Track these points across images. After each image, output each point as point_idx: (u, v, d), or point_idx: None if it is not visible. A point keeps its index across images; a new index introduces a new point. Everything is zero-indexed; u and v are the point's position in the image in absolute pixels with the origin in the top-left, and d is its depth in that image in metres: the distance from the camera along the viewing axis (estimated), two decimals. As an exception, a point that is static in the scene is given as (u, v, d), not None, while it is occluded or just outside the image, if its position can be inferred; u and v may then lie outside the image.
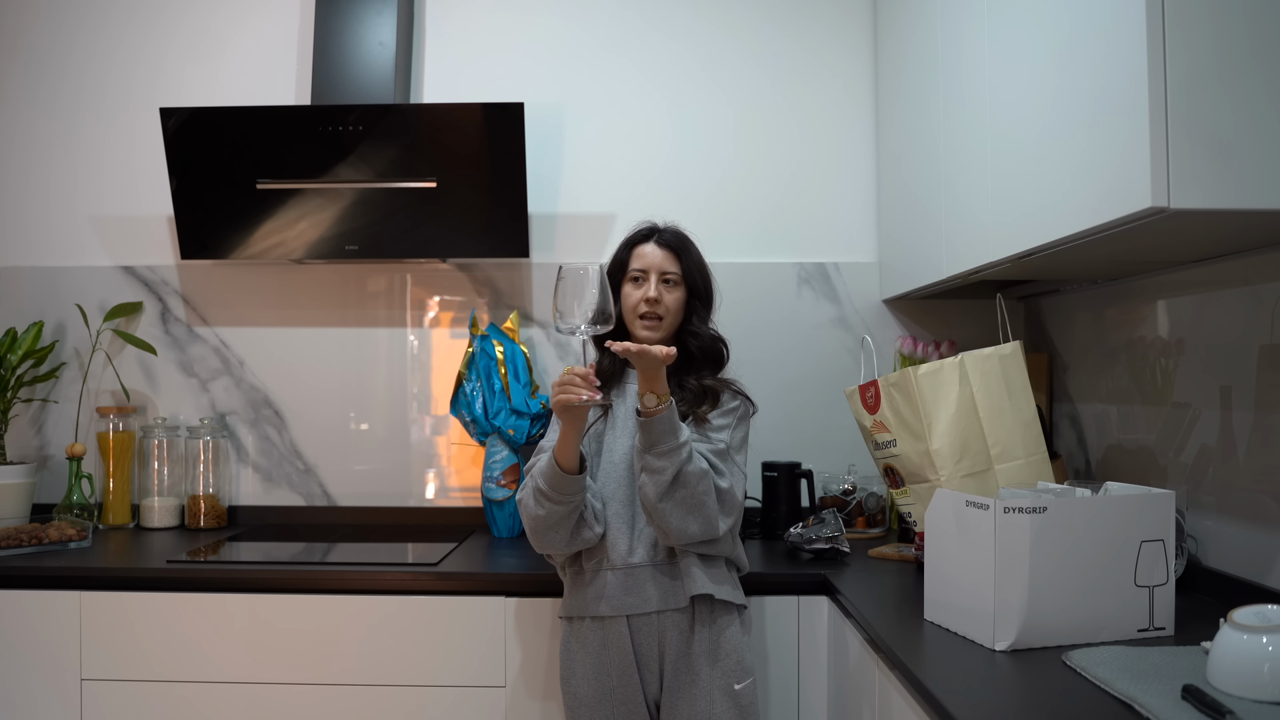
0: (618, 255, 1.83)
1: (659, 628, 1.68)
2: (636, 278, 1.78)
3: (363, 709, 1.93)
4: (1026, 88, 1.55)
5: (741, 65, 2.56)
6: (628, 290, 1.79)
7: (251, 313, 2.58)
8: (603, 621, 1.68)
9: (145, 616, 1.95)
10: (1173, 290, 1.77)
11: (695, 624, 1.68)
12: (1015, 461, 1.72)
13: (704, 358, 1.81)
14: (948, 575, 1.48)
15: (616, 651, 1.67)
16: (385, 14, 2.43)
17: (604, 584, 1.68)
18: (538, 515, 1.63)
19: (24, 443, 2.56)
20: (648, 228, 1.83)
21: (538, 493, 1.63)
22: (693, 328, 1.81)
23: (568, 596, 1.75)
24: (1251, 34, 1.18)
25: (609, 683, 1.68)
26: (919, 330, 2.50)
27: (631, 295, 1.78)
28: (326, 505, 2.54)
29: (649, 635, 1.68)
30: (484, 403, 2.33)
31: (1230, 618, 1.15)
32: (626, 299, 1.78)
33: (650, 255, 1.79)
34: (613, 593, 1.68)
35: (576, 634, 1.72)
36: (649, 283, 1.77)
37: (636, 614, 1.67)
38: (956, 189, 1.88)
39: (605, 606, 1.68)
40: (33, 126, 2.60)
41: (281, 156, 2.29)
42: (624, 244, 1.83)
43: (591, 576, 1.70)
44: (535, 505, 1.63)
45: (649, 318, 1.76)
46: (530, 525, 1.66)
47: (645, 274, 1.78)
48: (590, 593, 1.70)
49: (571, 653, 1.72)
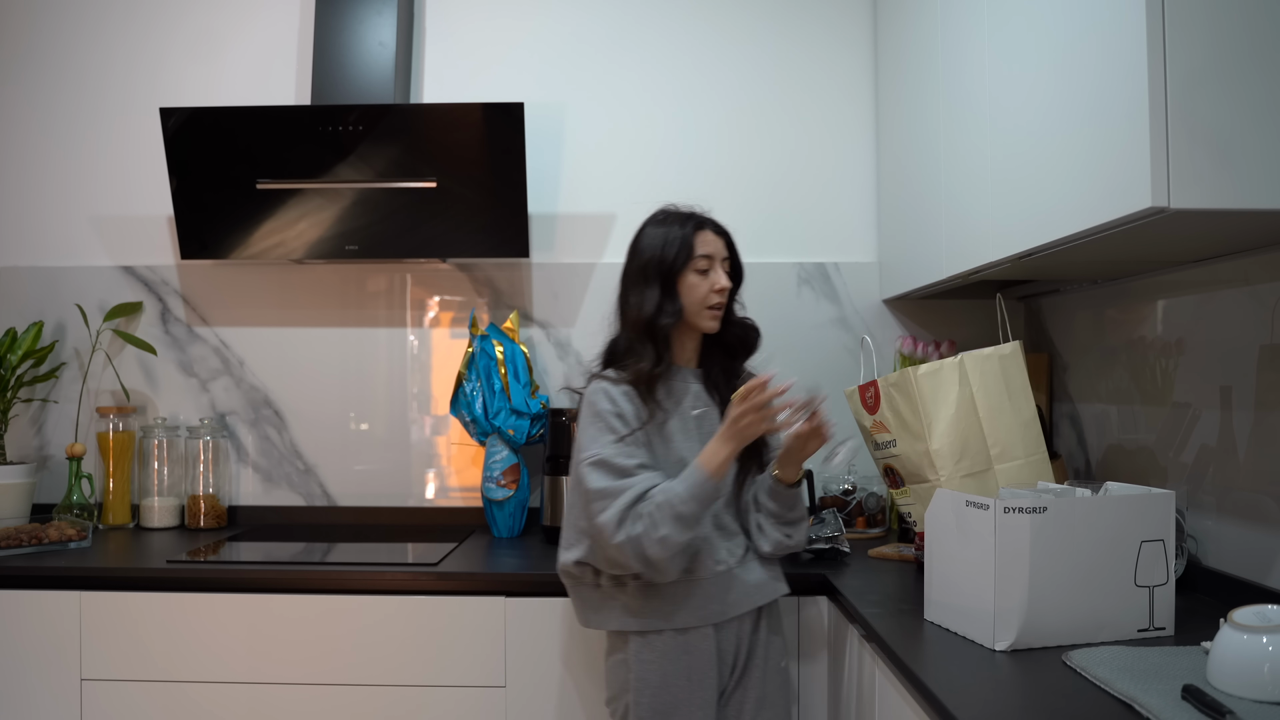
0: (681, 245, 1.67)
1: (738, 629, 1.69)
2: (705, 269, 1.68)
3: (363, 709, 1.93)
4: (1027, 87, 1.55)
5: (741, 65, 2.56)
6: (695, 280, 1.67)
7: (251, 313, 2.58)
8: (686, 630, 1.63)
9: (145, 616, 1.95)
10: (1173, 290, 1.77)
11: (761, 616, 1.73)
12: (1015, 461, 1.72)
13: (740, 348, 1.78)
14: (948, 575, 1.48)
15: (701, 656, 1.64)
16: (385, 14, 2.43)
17: (694, 592, 1.64)
18: (679, 543, 1.54)
19: (24, 443, 2.56)
20: (692, 216, 1.72)
21: (684, 520, 1.53)
22: (733, 316, 1.77)
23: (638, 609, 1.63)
24: (1251, 34, 1.18)
25: (694, 689, 1.64)
26: (919, 330, 2.51)
27: (700, 286, 1.67)
28: (326, 505, 2.54)
29: (729, 636, 1.68)
30: (484, 403, 2.33)
31: (1230, 618, 1.15)
32: (694, 290, 1.67)
33: (714, 242, 1.70)
34: (702, 600, 1.64)
35: (653, 646, 1.63)
36: (717, 271, 1.69)
37: (727, 619, 1.67)
38: (956, 189, 1.88)
39: (694, 615, 1.63)
40: (33, 127, 2.60)
41: (281, 156, 2.29)
42: (681, 234, 1.68)
43: (674, 587, 1.63)
44: (679, 533, 1.53)
45: (716, 308, 1.69)
46: (664, 556, 1.54)
47: (712, 260, 1.69)
48: (680, 602, 1.63)
49: (646, 665, 1.63)
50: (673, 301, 1.67)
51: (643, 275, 1.68)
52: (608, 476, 1.57)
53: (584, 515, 1.60)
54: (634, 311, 1.67)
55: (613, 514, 1.54)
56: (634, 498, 1.55)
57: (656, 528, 1.52)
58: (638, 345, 1.66)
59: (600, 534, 1.55)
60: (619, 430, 1.61)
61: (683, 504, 1.53)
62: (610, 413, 1.62)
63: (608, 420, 1.61)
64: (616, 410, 1.62)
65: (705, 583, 1.65)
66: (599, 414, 1.62)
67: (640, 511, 1.54)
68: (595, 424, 1.62)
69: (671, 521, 1.52)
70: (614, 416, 1.61)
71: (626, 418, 1.62)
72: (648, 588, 1.63)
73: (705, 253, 1.68)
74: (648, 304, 1.66)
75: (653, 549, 1.53)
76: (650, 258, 1.68)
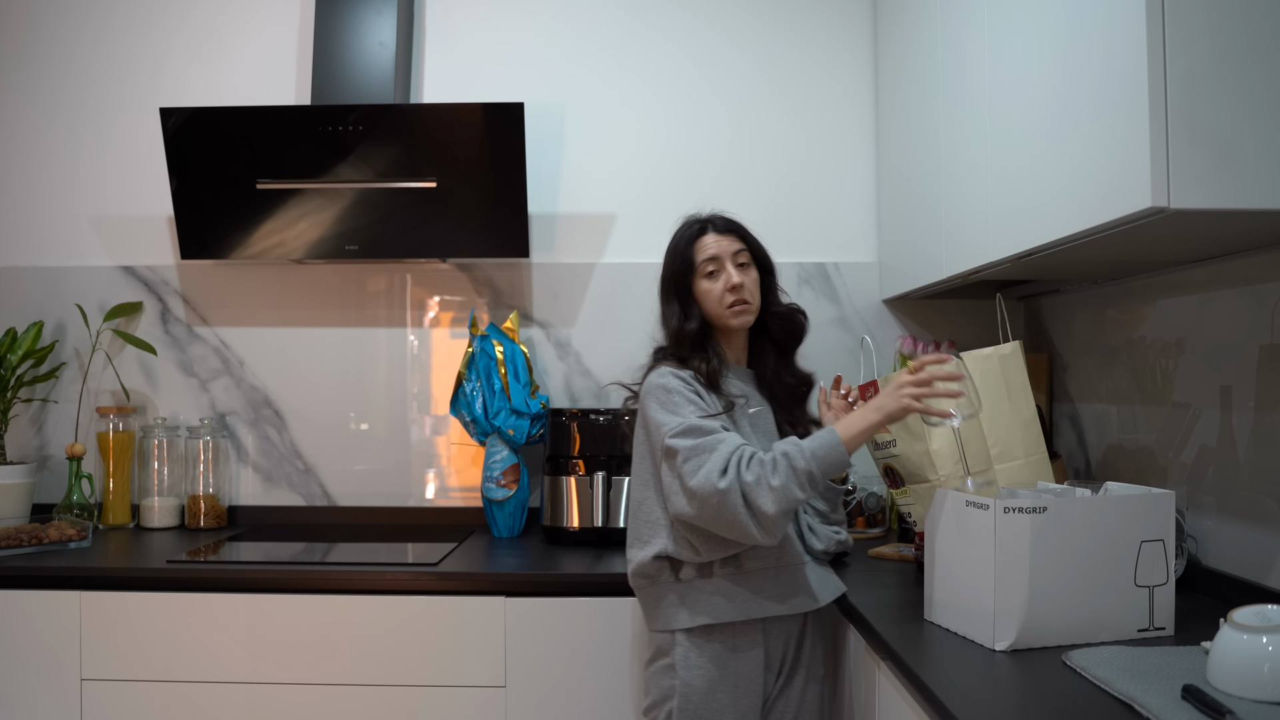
0: (680, 259, 1.72)
1: (785, 634, 1.70)
2: (712, 271, 1.69)
3: (363, 709, 1.93)
4: (1027, 87, 1.55)
5: (742, 65, 2.56)
6: (706, 287, 1.70)
7: (251, 313, 2.58)
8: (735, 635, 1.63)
9: (145, 616, 1.95)
10: (1173, 290, 1.77)
11: (808, 622, 1.74)
12: (1015, 461, 1.72)
13: (788, 338, 1.79)
14: (947, 575, 1.47)
15: (749, 662, 1.64)
16: (385, 14, 2.43)
17: (784, 580, 1.65)
18: (791, 499, 1.50)
19: (24, 443, 2.56)
20: (694, 223, 1.74)
21: (800, 477, 1.50)
22: (773, 307, 1.77)
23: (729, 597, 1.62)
24: (1251, 34, 1.18)
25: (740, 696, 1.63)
26: (919, 330, 2.51)
27: (714, 290, 1.69)
28: (326, 505, 2.54)
29: (777, 642, 1.68)
30: (484, 403, 2.33)
31: (1230, 618, 1.15)
32: (708, 296, 1.70)
33: (716, 243, 1.71)
34: (791, 588, 1.65)
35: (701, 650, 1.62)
36: (726, 269, 1.69)
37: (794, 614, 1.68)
38: (956, 189, 1.88)
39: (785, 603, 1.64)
40: (33, 126, 2.60)
41: (281, 156, 2.29)
42: (680, 246, 1.73)
43: (762, 576, 1.63)
44: (794, 489, 1.49)
45: (738, 304, 1.69)
46: (774, 511, 1.49)
47: (719, 261, 1.70)
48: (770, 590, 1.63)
49: (693, 670, 1.62)
50: (693, 311, 1.71)
51: (664, 292, 1.75)
52: (696, 437, 1.55)
53: (677, 487, 1.56)
54: (666, 327, 1.73)
55: (711, 467, 1.51)
56: (730, 449, 1.53)
57: (773, 474, 1.50)
58: (684, 353, 1.68)
59: (701, 490, 1.51)
60: (696, 401, 1.61)
61: (805, 460, 1.50)
62: (683, 388, 1.62)
63: (683, 394, 1.61)
64: (691, 388, 1.63)
65: (793, 569, 1.66)
66: (671, 390, 1.62)
67: (755, 459, 1.52)
68: (670, 399, 1.61)
69: (788, 473, 1.50)
70: (689, 391, 1.62)
71: (702, 395, 1.63)
72: (736, 576, 1.63)
73: (707, 256, 1.70)
74: (674, 319, 1.72)
75: (763, 497, 1.49)
76: (666, 274, 1.75)
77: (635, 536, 1.68)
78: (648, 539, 1.65)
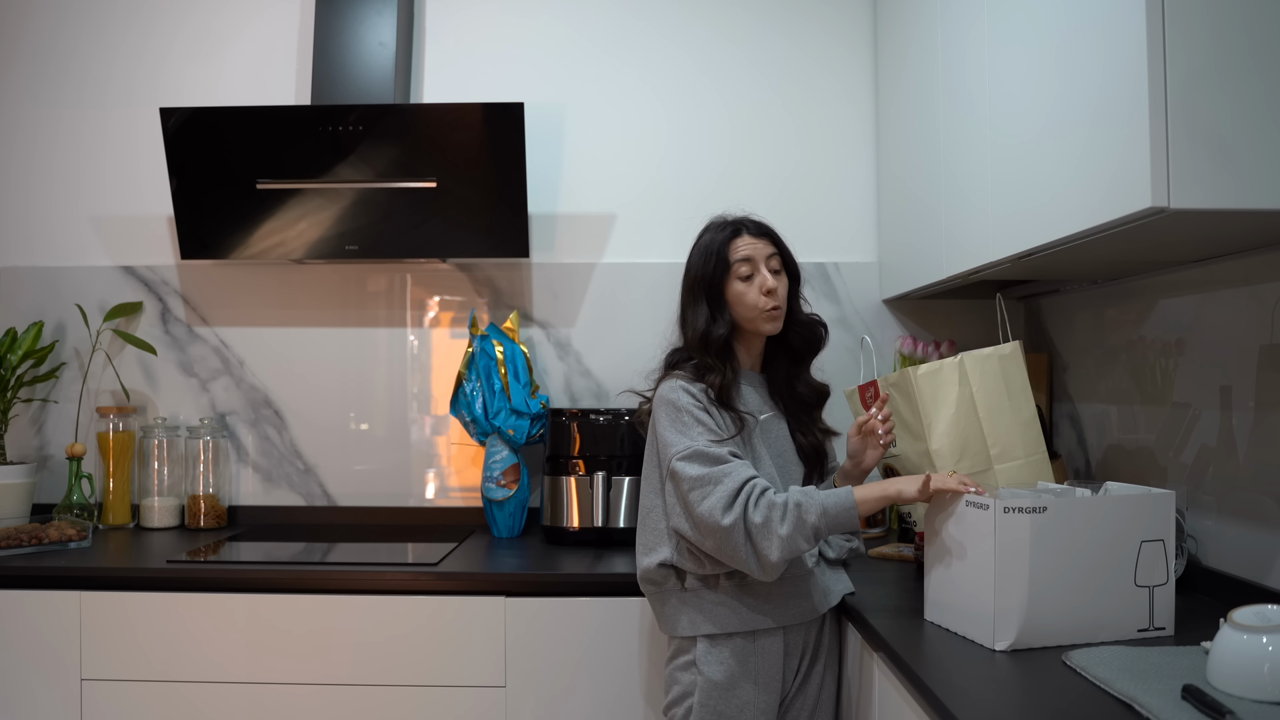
0: (715, 259, 1.67)
1: (805, 630, 1.69)
2: (748, 275, 1.66)
3: (363, 709, 1.93)
4: (1027, 87, 1.55)
5: (742, 65, 2.56)
6: (740, 289, 1.66)
7: (251, 313, 2.58)
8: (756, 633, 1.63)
9: (145, 616, 1.95)
10: (1173, 290, 1.77)
11: (826, 620, 1.73)
12: (1015, 461, 1.72)
13: (806, 348, 1.77)
14: (948, 575, 1.47)
15: (769, 658, 1.64)
16: (385, 14, 2.43)
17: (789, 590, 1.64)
18: (793, 549, 1.49)
19: (24, 443, 2.56)
20: (727, 224, 1.71)
21: (806, 530, 1.49)
22: (797, 316, 1.75)
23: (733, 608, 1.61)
24: (1251, 34, 1.18)
25: (760, 693, 1.62)
26: (919, 330, 2.51)
27: (748, 293, 1.65)
28: (326, 505, 2.54)
29: (796, 639, 1.68)
30: (484, 403, 2.33)
31: (1230, 618, 1.15)
32: (743, 297, 1.66)
33: (750, 245, 1.67)
34: (797, 598, 1.65)
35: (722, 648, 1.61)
36: (761, 273, 1.66)
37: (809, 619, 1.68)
38: (956, 189, 1.88)
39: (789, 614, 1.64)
40: (33, 126, 2.60)
41: (281, 156, 2.29)
42: (715, 246, 1.68)
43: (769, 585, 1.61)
44: (798, 540, 1.49)
45: (773, 310, 1.66)
46: (776, 558, 1.49)
47: (753, 264, 1.66)
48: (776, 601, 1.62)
49: (713, 667, 1.61)
50: (723, 314, 1.67)
51: (692, 293, 1.70)
52: (704, 465, 1.54)
53: (680, 510, 1.57)
54: (690, 330, 1.69)
55: (717, 499, 1.51)
56: (738, 483, 1.52)
57: (782, 523, 1.49)
58: (701, 360, 1.66)
59: (705, 522, 1.51)
60: (706, 423, 1.59)
61: (816, 516, 1.49)
62: (693, 405, 1.60)
63: (693, 413, 1.60)
64: (701, 406, 1.61)
65: (799, 580, 1.65)
66: (681, 409, 1.60)
67: (765, 499, 1.50)
68: (680, 419, 1.60)
69: (796, 524, 1.49)
70: (699, 410, 1.60)
71: (713, 415, 1.61)
72: (741, 587, 1.61)
73: (743, 257, 1.66)
74: (700, 320, 1.67)
75: (768, 542, 1.49)
76: (696, 275, 1.69)
77: (642, 542, 1.68)
78: (654, 546, 1.65)
